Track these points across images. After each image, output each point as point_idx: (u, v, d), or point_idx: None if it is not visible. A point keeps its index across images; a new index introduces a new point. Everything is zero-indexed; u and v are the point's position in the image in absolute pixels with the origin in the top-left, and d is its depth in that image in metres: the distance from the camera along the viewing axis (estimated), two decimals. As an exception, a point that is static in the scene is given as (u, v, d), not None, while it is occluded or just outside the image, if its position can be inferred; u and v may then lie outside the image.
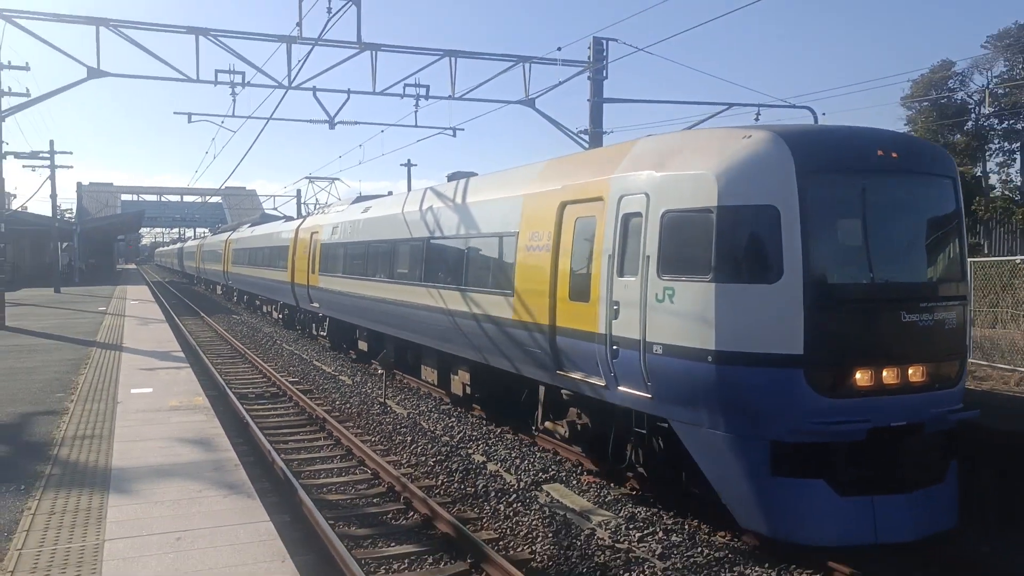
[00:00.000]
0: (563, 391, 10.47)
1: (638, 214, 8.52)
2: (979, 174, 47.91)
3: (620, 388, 8.73)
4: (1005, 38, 46.91)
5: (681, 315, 7.81)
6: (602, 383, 9.07)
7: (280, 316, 30.93)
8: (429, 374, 15.56)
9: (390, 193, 22.82)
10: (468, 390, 13.75)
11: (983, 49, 48.39)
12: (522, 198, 11.29)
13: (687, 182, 8.04)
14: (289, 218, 39.82)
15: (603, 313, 8.91)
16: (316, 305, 23.13)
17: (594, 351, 9.10)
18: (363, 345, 19.93)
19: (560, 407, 10.94)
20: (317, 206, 31.30)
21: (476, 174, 15.36)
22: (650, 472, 9.32)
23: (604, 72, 22.96)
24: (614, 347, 8.69)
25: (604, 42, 22.77)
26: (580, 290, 9.51)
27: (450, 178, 15.80)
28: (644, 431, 8.80)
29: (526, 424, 12.34)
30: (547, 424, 11.39)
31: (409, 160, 52.34)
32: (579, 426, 10.48)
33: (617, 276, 8.72)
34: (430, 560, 7.79)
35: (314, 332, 25.47)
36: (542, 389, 11.28)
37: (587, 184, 9.75)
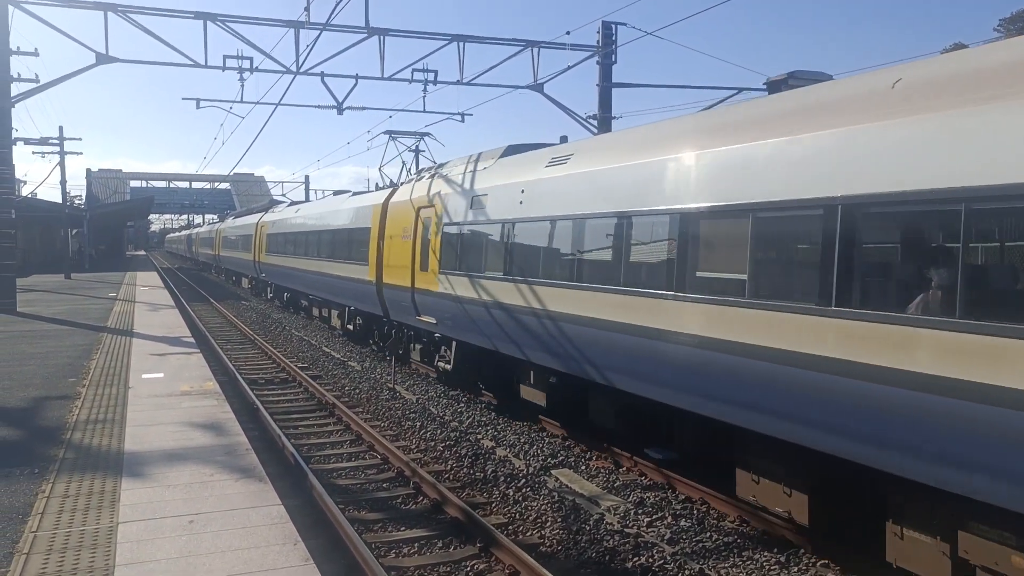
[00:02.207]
0: None
1: None
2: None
3: None
4: (1017, 21, 46.41)
5: None
6: None
7: (347, 327, 21.87)
8: (774, 496, 7.63)
9: (564, 139, 14.12)
10: None
11: (996, 32, 47.95)
12: None
13: None
14: (340, 191, 29.62)
15: None
16: (431, 320, 14.73)
17: None
18: (535, 396, 12.00)
19: None
20: (406, 171, 21.23)
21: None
22: None
23: (613, 56, 22.90)
24: None
25: (613, 26, 22.71)
26: None
27: (774, 88, 8.59)
28: None
29: None
30: None
31: (417, 146, 52.20)
32: None
33: None
34: (440, 544, 7.84)
35: (414, 358, 16.98)
36: None
37: None
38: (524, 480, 9.66)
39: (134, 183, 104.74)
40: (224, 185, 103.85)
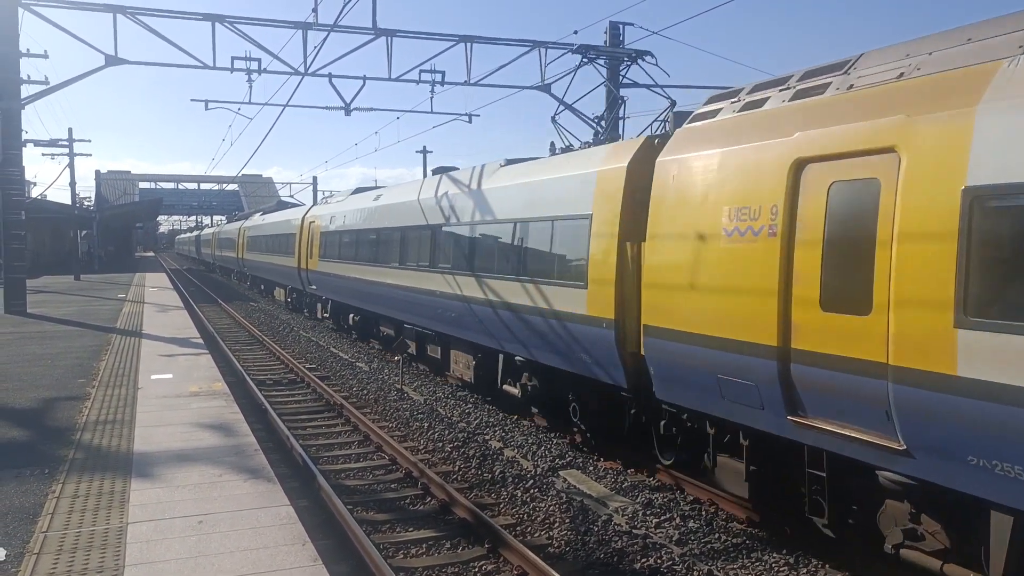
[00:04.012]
0: None
1: None
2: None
3: None
4: None
5: None
6: None
7: (504, 386, 13.06)
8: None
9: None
10: None
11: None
12: None
13: None
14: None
15: None
16: (886, 442, 5.82)
17: None
18: None
19: None
20: (603, 122, 12.77)
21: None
22: None
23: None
24: None
25: (620, 26, 22.68)
26: None
27: None
28: None
29: None
30: None
31: (425, 147, 52.51)
32: None
33: None
34: (448, 545, 7.84)
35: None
36: None
37: None
38: (532, 481, 9.65)
39: (143, 184, 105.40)
40: (232, 186, 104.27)
